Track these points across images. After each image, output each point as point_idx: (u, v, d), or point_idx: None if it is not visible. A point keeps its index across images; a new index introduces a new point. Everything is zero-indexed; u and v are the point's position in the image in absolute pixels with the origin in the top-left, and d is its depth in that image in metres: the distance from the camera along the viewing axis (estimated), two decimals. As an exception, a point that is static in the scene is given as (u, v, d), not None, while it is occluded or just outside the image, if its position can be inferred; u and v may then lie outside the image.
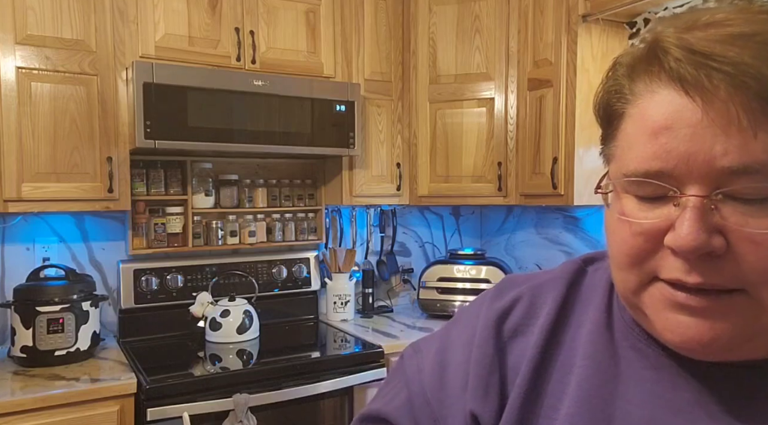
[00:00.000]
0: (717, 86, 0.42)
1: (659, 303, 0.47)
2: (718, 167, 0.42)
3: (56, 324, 1.88)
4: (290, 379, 1.91)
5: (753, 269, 0.43)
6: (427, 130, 2.50)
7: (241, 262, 2.43)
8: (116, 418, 1.73)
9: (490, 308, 0.62)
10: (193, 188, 2.32)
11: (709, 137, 0.42)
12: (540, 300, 0.61)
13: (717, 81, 0.42)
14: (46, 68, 1.87)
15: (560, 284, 0.61)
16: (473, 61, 2.41)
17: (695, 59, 0.42)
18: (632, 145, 0.47)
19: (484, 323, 0.61)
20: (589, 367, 0.54)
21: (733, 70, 0.41)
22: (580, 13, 2.06)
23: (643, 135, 0.46)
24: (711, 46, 0.42)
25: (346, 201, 2.44)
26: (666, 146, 0.44)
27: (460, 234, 3.05)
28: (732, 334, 0.45)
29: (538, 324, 0.59)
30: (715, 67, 0.41)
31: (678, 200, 0.44)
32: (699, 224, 0.43)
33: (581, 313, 0.59)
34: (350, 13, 2.38)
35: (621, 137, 0.49)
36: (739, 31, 0.42)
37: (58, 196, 1.90)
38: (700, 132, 0.43)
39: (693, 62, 0.42)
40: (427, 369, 0.63)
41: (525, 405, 0.55)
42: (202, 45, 2.10)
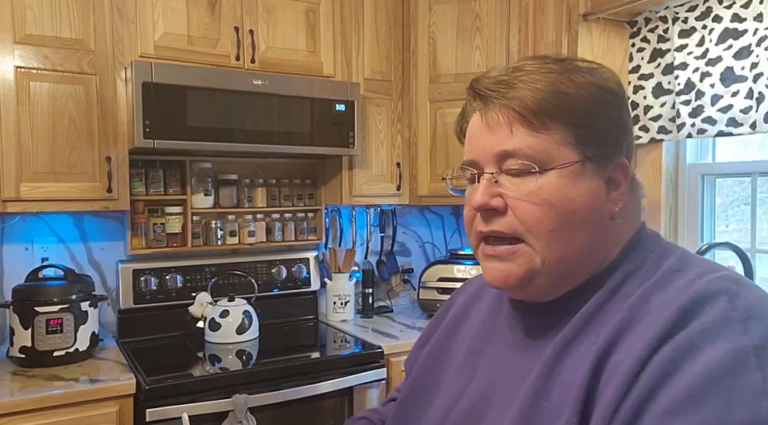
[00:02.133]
0: (491, 107, 0.70)
1: (482, 256, 0.73)
2: (495, 152, 0.69)
3: (55, 325, 1.87)
4: (290, 379, 1.91)
5: (521, 221, 0.67)
6: (427, 129, 2.49)
7: (240, 262, 2.43)
8: (115, 419, 1.72)
9: (449, 301, 0.96)
10: (193, 188, 2.31)
11: (489, 135, 0.70)
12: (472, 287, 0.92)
13: (492, 103, 0.70)
14: (44, 68, 1.86)
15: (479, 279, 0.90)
16: (473, 60, 2.41)
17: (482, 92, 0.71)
18: (465, 149, 0.76)
19: (442, 308, 0.95)
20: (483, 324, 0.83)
21: (501, 97, 0.69)
22: (581, 12, 2.05)
23: (467, 141, 0.75)
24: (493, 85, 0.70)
25: (346, 201, 2.44)
26: (473, 144, 0.73)
27: (460, 234, 3.04)
28: (518, 273, 0.69)
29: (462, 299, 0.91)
30: (492, 97, 0.70)
31: (480, 178, 0.71)
32: (485, 189, 0.69)
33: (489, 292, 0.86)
34: (350, 12, 2.38)
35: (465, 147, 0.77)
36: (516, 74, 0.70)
37: (57, 196, 1.89)
38: (486, 133, 0.71)
39: (481, 94, 0.72)
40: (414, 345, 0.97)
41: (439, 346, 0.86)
42: (202, 44, 2.10)
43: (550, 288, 0.70)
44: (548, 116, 0.67)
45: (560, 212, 0.66)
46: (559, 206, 0.66)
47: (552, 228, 0.66)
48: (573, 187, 0.67)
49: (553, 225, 0.66)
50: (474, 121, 0.73)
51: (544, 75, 0.68)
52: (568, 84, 0.68)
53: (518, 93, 0.68)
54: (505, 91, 0.69)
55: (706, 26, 1.86)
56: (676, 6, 1.94)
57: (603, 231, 0.69)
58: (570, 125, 0.67)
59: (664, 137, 2.01)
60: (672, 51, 1.96)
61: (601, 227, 0.69)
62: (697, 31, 1.89)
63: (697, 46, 1.89)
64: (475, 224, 0.73)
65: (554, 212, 0.66)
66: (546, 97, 0.67)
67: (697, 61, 1.88)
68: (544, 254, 0.67)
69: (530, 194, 0.66)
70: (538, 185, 0.66)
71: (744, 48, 1.76)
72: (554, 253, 0.67)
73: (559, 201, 0.66)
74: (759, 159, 1.96)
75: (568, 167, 0.66)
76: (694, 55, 1.89)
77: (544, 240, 0.67)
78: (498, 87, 0.70)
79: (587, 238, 0.68)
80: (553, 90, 0.67)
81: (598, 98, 0.69)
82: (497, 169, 0.69)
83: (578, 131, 0.67)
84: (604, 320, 0.65)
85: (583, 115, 0.67)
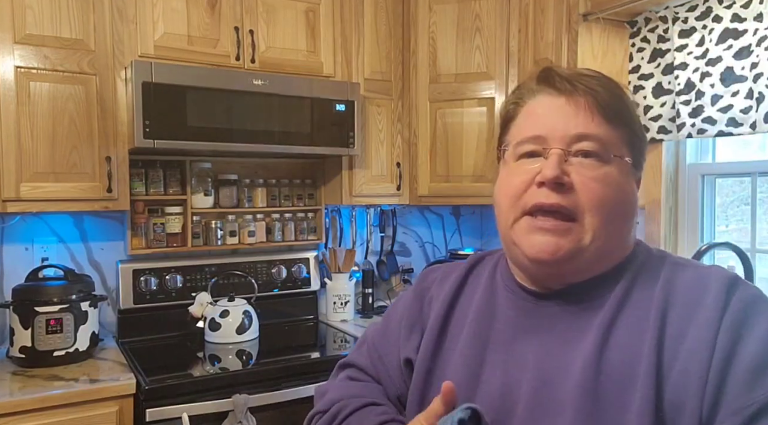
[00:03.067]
0: (577, 91, 0.75)
1: (525, 230, 0.76)
2: (572, 133, 0.74)
3: (55, 325, 1.87)
4: (290, 379, 1.91)
5: (584, 199, 0.73)
6: (427, 129, 2.49)
7: (240, 262, 2.43)
8: (115, 419, 1.72)
9: (418, 287, 0.96)
10: (193, 188, 2.31)
11: (568, 116, 0.75)
12: (449, 277, 0.92)
13: (578, 89, 0.75)
14: (44, 68, 1.86)
15: (463, 267, 0.93)
16: (473, 60, 2.41)
17: (568, 78, 0.76)
18: (520, 127, 0.79)
19: (413, 295, 0.95)
20: (479, 311, 0.84)
21: (586, 85, 0.75)
22: (581, 12, 2.05)
23: (529, 118, 0.78)
24: (574, 76, 0.77)
25: (346, 201, 2.44)
26: (542, 121, 0.77)
27: (460, 234, 3.04)
28: (567, 247, 0.73)
29: (445, 290, 0.90)
30: (578, 82, 0.76)
31: (547, 153, 0.75)
32: (557, 164, 0.73)
33: (476, 282, 0.89)
34: (350, 12, 2.38)
35: (513, 128, 0.81)
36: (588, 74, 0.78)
37: (57, 196, 1.89)
38: (563, 113, 0.75)
39: (567, 79, 0.76)
40: (377, 328, 0.99)
41: (436, 339, 0.86)
42: (202, 44, 2.10)
43: (586, 267, 0.76)
44: (617, 114, 0.76)
45: (618, 199, 0.75)
46: (619, 193, 0.75)
47: (609, 211, 0.74)
48: (626, 182, 0.76)
49: (611, 209, 0.74)
50: (546, 100, 0.77)
51: (605, 80, 0.77)
52: (622, 94, 0.78)
53: (597, 88, 0.75)
54: (587, 82, 0.76)
55: (706, 26, 1.86)
56: (676, 6, 1.94)
57: (632, 227, 0.79)
58: (628, 129, 0.77)
59: (664, 137, 2.01)
60: (672, 51, 1.96)
61: (632, 222, 0.79)
62: (697, 31, 1.89)
63: (697, 46, 1.89)
64: (527, 196, 0.75)
65: (615, 197, 0.74)
66: (614, 99, 0.76)
67: (697, 61, 1.88)
68: (595, 234, 0.73)
69: (599, 176, 0.73)
70: (607, 170, 0.74)
71: (744, 48, 1.76)
72: (603, 234, 0.74)
73: (619, 190, 0.75)
74: (759, 159, 1.96)
75: (626, 163, 0.76)
76: (694, 55, 1.89)
77: (600, 221, 0.73)
78: (581, 78, 0.76)
79: (625, 229, 0.77)
80: (617, 94, 0.77)
81: (638, 117, 0.81)
82: (566, 148, 0.74)
83: (632, 136, 0.77)
84: (638, 303, 0.73)
85: (634, 122, 0.78)
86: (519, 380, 0.75)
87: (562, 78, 0.76)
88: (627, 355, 0.69)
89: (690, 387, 0.65)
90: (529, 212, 0.75)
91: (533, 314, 0.79)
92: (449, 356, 0.84)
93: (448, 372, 0.82)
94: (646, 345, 0.68)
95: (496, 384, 0.76)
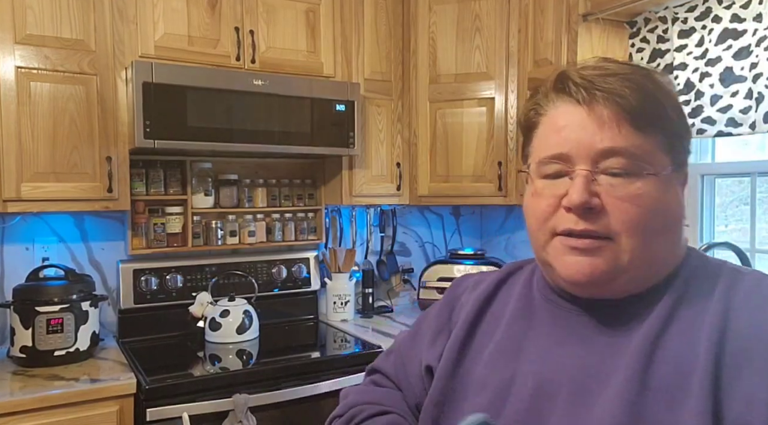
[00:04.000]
0: (598, 100, 0.67)
1: (558, 251, 0.70)
2: (597, 148, 0.67)
3: (56, 324, 1.87)
4: (290, 379, 1.91)
5: (617, 221, 0.66)
6: (427, 130, 2.49)
7: (240, 262, 2.43)
8: (116, 418, 1.73)
9: (449, 295, 0.93)
10: (193, 188, 2.32)
11: (591, 130, 0.67)
12: (480, 285, 0.88)
13: (598, 97, 0.67)
14: (45, 68, 1.87)
15: (496, 275, 0.89)
16: (473, 60, 2.41)
17: (585, 84, 0.68)
18: (542, 140, 0.73)
19: (444, 303, 0.92)
20: (513, 319, 0.80)
21: (608, 92, 0.67)
22: (581, 12, 2.05)
23: (551, 132, 0.71)
24: (595, 79, 0.68)
25: (346, 201, 2.44)
26: (565, 137, 0.69)
27: (460, 234, 3.05)
28: (603, 268, 0.67)
29: (475, 297, 0.86)
30: (597, 89, 0.67)
31: (572, 174, 0.68)
32: (584, 187, 0.66)
33: (510, 291, 0.85)
34: (350, 12, 2.38)
35: (535, 139, 0.74)
36: (612, 72, 0.68)
37: (58, 196, 1.89)
38: (586, 128, 0.68)
39: (584, 86, 0.68)
40: (406, 334, 0.97)
41: (460, 346, 0.82)
42: (202, 44, 2.10)
43: (632, 287, 0.70)
44: (648, 118, 0.67)
45: (657, 215, 0.68)
46: (657, 209, 0.67)
47: (648, 231, 0.67)
48: (666, 192, 0.68)
49: (650, 228, 0.67)
50: (567, 112, 0.70)
51: (634, 77, 0.68)
52: (655, 88, 0.69)
53: (622, 91, 0.67)
54: (609, 86, 0.67)
55: (705, 26, 1.87)
56: (675, 6, 1.94)
57: (679, 236, 0.72)
58: (664, 131, 0.69)
59: (664, 137, 2.01)
60: (671, 51, 1.96)
61: (678, 232, 0.72)
62: (696, 31, 1.89)
63: (696, 47, 1.89)
64: (555, 219, 0.70)
65: (653, 215, 0.67)
66: (645, 99, 0.67)
67: (697, 62, 1.88)
68: (634, 254, 0.67)
69: (633, 195, 0.66)
70: (639, 186, 0.66)
71: (743, 48, 1.76)
72: (644, 254, 0.68)
73: (657, 205, 0.67)
74: (758, 159, 1.96)
75: (664, 172, 0.68)
76: (693, 56, 1.90)
77: (638, 241, 0.67)
78: (603, 81, 0.68)
79: (671, 241, 0.71)
80: (648, 93, 0.68)
81: (678, 106, 0.72)
82: (593, 166, 0.67)
83: (670, 137, 0.69)
84: (691, 314, 0.67)
85: (673, 122, 0.69)
86: (552, 393, 0.70)
87: (578, 86, 0.68)
88: (676, 370, 0.64)
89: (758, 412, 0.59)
90: (560, 234, 0.70)
91: (571, 324, 0.73)
92: (473, 364, 0.79)
93: (471, 380, 0.78)
94: (701, 361, 0.63)
95: (525, 395, 0.71)
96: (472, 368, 0.79)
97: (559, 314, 0.75)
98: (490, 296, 0.85)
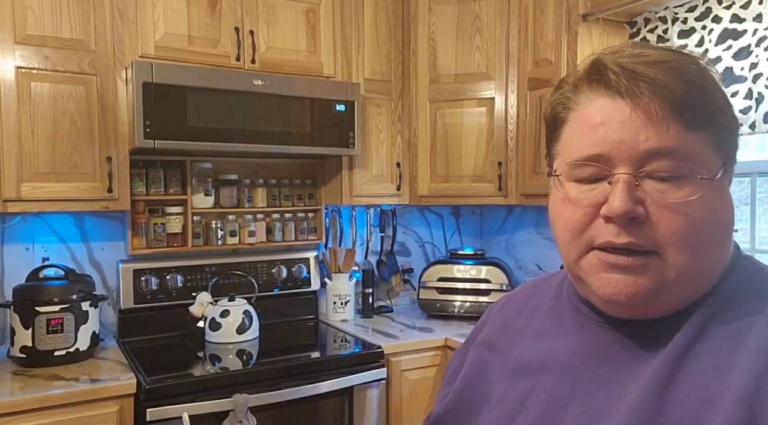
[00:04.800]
0: (642, 93, 0.57)
1: (595, 267, 0.61)
2: (642, 149, 0.57)
3: (56, 324, 1.87)
4: (290, 379, 1.91)
5: (664, 233, 0.57)
6: (427, 130, 2.50)
7: (240, 262, 2.43)
8: (116, 418, 1.73)
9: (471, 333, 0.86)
10: (193, 188, 2.32)
11: (635, 128, 0.58)
12: (509, 301, 0.83)
13: (642, 89, 0.57)
14: (45, 68, 1.87)
15: (526, 286, 0.84)
16: (473, 60, 2.41)
17: (626, 73, 0.58)
18: (575, 139, 0.63)
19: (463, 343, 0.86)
20: (540, 332, 0.73)
21: (653, 83, 0.57)
22: (581, 12, 2.05)
23: (585, 130, 0.61)
24: (636, 67, 0.58)
25: (346, 201, 2.44)
26: (603, 135, 0.59)
27: (460, 234, 3.05)
28: (648, 287, 0.58)
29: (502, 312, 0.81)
30: (641, 80, 0.57)
31: (611, 178, 0.59)
32: (627, 194, 0.57)
33: (539, 301, 0.78)
34: (350, 12, 2.38)
35: (564, 136, 0.65)
36: (653, 59, 0.59)
37: (58, 196, 1.89)
38: (629, 125, 0.58)
39: (625, 75, 0.58)
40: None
41: (486, 350, 0.77)
42: (202, 45, 2.10)
43: (671, 306, 0.61)
44: (698, 113, 0.58)
45: (708, 224, 0.59)
46: (710, 219, 0.59)
47: (699, 242, 0.58)
48: (718, 196, 0.60)
49: (701, 239, 0.58)
50: (605, 106, 0.60)
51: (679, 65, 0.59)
52: (703, 78, 0.59)
53: (669, 82, 0.57)
54: (654, 77, 0.57)
55: (705, 27, 1.87)
56: (675, 6, 1.94)
57: (730, 243, 0.63)
58: (714, 126, 0.59)
59: (664, 137, 2.01)
60: (671, 51, 1.96)
61: (730, 241, 0.63)
62: (696, 31, 1.89)
63: (696, 47, 1.89)
64: (592, 230, 0.61)
65: (704, 224, 0.58)
66: (694, 90, 0.58)
67: (697, 62, 1.88)
68: (681, 270, 0.58)
69: (681, 203, 0.57)
70: (690, 193, 0.57)
71: (743, 48, 1.76)
72: (693, 268, 0.59)
73: (710, 213, 0.59)
74: (758, 159, 1.97)
75: (718, 175, 0.59)
76: (693, 56, 1.90)
77: (687, 255, 0.58)
78: (647, 70, 0.58)
79: (721, 254, 0.62)
80: (697, 83, 0.58)
81: (725, 96, 0.61)
82: (636, 170, 0.58)
83: (720, 133, 0.60)
84: (726, 327, 0.59)
85: (722, 114, 0.60)
86: (563, 409, 0.64)
87: (618, 75, 0.58)
88: (698, 397, 0.55)
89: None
90: (597, 248, 0.61)
91: (597, 338, 0.66)
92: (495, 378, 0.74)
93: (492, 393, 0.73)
94: (728, 389, 0.54)
95: (536, 411, 0.66)
96: (493, 381, 0.74)
97: (586, 327, 0.68)
98: (518, 311, 0.79)
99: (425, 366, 2.22)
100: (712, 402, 0.54)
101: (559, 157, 0.66)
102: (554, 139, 0.67)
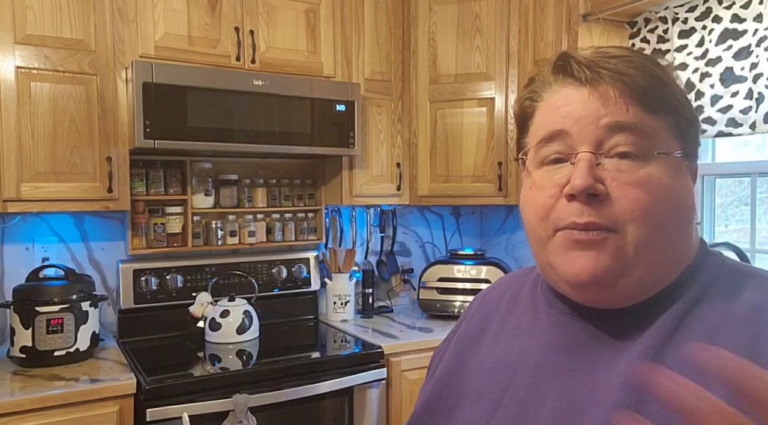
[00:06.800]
0: (602, 78, 0.61)
1: (561, 247, 0.63)
2: (601, 124, 0.60)
3: (56, 324, 1.87)
4: (290, 379, 1.91)
5: (624, 210, 0.59)
6: (427, 130, 2.49)
7: (240, 262, 2.43)
8: (116, 418, 1.73)
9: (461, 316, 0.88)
10: (193, 188, 2.31)
11: (594, 106, 0.61)
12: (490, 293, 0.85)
13: (603, 76, 0.61)
14: (45, 68, 1.86)
15: (507, 278, 0.87)
16: (473, 60, 2.41)
17: (588, 64, 0.62)
18: (539, 124, 0.66)
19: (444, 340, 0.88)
20: (517, 326, 0.74)
21: (614, 71, 0.61)
22: (581, 12, 2.05)
23: (549, 112, 0.65)
24: (598, 61, 0.63)
25: (346, 201, 2.44)
26: (564, 114, 0.63)
27: (460, 234, 3.05)
28: (608, 264, 0.60)
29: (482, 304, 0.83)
30: (603, 68, 0.62)
31: (573, 158, 0.61)
32: (588, 171, 0.59)
33: (517, 295, 0.80)
34: (350, 12, 2.38)
35: (532, 127, 0.68)
36: (614, 55, 0.63)
37: (58, 196, 1.89)
38: (588, 105, 0.61)
39: (587, 66, 0.62)
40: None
41: (464, 346, 0.78)
42: (202, 45, 2.10)
43: (639, 291, 0.62)
44: (657, 99, 0.61)
45: (669, 203, 0.61)
46: (668, 196, 0.60)
47: (657, 220, 0.60)
48: (679, 178, 0.62)
49: (661, 217, 0.60)
50: (568, 94, 0.64)
51: (637, 59, 0.63)
52: (660, 71, 0.63)
53: (628, 70, 0.61)
54: (614, 66, 0.62)
55: (705, 27, 1.87)
56: (675, 6, 1.94)
57: (690, 232, 0.64)
58: (674, 114, 0.62)
59: (664, 137, 2.01)
60: (672, 51, 1.96)
61: (690, 227, 0.64)
62: (696, 31, 1.89)
63: (696, 47, 1.89)
64: (556, 212, 0.63)
65: (664, 202, 0.60)
66: (652, 79, 0.62)
67: (697, 62, 1.88)
68: (639, 247, 0.60)
69: (642, 180, 0.59)
70: (648, 171, 0.60)
71: (744, 48, 1.76)
72: (653, 248, 0.60)
73: (669, 191, 0.60)
74: (758, 159, 1.97)
75: (675, 156, 0.61)
76: (693, 56, 1.90)
77: (645, 232, 0.60)
78: (607, 62, 0.62)
79: (683, 236, 0.63)
80: (655, 74, 0.62)
81: (683, 90, 0.65)
82: (596, 148, 0.61)
83: (679, 121, 0.63)
84: (696, 330, 0.59)
85: (680, 105, 0.64)
86: (539, 404, 0.64)
87: (581, 65, 0.62)
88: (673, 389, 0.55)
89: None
90: (562, 229, 0.63)
91: (571, 331, 0.67)
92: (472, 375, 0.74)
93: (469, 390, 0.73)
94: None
95: (513, 408, 0.66)
96: (471, 377, 0.74)
97: (560, 321, 0.69)
98: (496, 305, 0.80)
99: (425, 366, 2.20)
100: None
101: (528, 146, 0.68)
102: (523, 133, 0.70)
